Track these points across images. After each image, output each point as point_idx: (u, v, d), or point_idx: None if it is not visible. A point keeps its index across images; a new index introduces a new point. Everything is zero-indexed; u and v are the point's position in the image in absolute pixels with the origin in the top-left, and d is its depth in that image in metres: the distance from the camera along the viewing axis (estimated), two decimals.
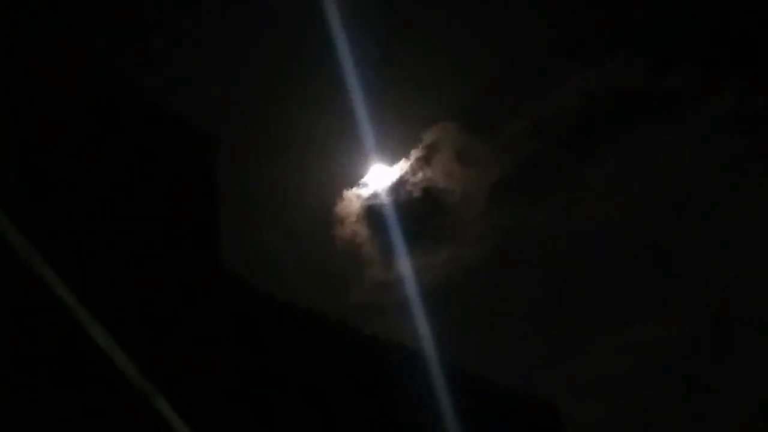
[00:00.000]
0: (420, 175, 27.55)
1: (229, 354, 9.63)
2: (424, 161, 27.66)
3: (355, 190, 27.44)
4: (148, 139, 10.83)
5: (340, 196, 27.49)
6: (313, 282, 24.89)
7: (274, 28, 25.74)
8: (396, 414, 11.76)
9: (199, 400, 7.94)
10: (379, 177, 27.02)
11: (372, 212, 27.42)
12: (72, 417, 7.85)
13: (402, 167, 27.43)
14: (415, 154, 27.66)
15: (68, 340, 6.97)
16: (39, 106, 10.84)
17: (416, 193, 27.49)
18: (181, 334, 9.20)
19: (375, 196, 27.31)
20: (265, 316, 10.65)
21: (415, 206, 27.28)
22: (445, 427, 12.08)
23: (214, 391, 9.08)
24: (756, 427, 23.52)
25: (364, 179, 27.11)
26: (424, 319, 13.80)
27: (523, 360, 23.18)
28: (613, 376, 25.75)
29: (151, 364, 6.01)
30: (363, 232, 27.72)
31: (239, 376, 9.47)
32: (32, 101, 10.93)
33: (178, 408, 5.75)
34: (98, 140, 10.54)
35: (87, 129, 10.57)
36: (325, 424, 10.76)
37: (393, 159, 27.24)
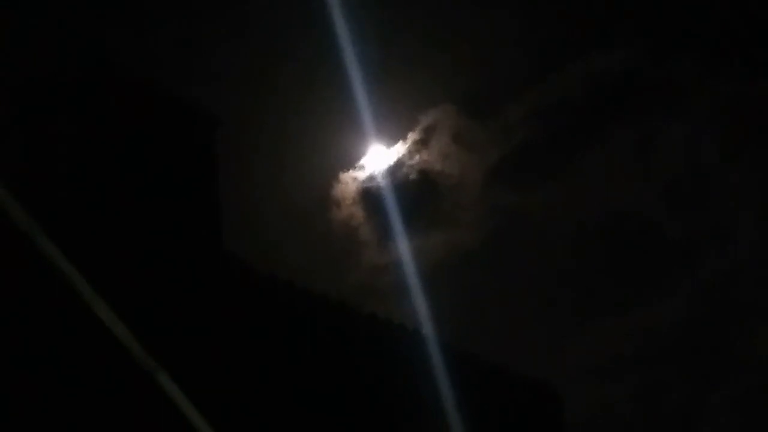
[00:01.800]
0: (417, 157, 27.53)
1: (231, 333, 9.63)
2: (422, 144, 27.64)
3: (351, 173, 27.42)
4: (147, 118, 10.81)
5: (337, 178, 27.47)
6: (309, 264, 24.90)
7: (272, 8, 25.68)
8: (395, 395, 11.77)
9: (201, 377, 7.94)
10: (376, 159, 26.99)
11: (368, 195, 27.41)
12: (76, 391, 7.86)
13: (399, 150, 27.39)
14: (412, 136, 27.63)
15: (71, 318, 6.96)
16: (36, 86, 10.82)
17: (413, 176, 27.48)
18: (182, 313, 9.20)
19: (371, 178, 27.28)
20: (265, 296, 10.65)
21: (411, 189, 27.28)
22: (444, 407, 12.10)
23: (216, 369, 9.09)
24: (753, 412, 23.61)
25: (361, 161, 27.08)
26: (422, 301, 13.80)
27: (520, 343, 23.21)
28: (610, 359, 25.85)
29: (153, 341, 5.99)
30: (359, 214, 27.72)
31: (241, 355, 9.48)
32: (30, 81, 10.90)
33: (181, 385, 5.72)
34: (97, 120, 10.52)
35: (86, 110, 10.54)
36: (325, 403, 10.77)
37: (390, 141, 27.20)
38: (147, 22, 23.00)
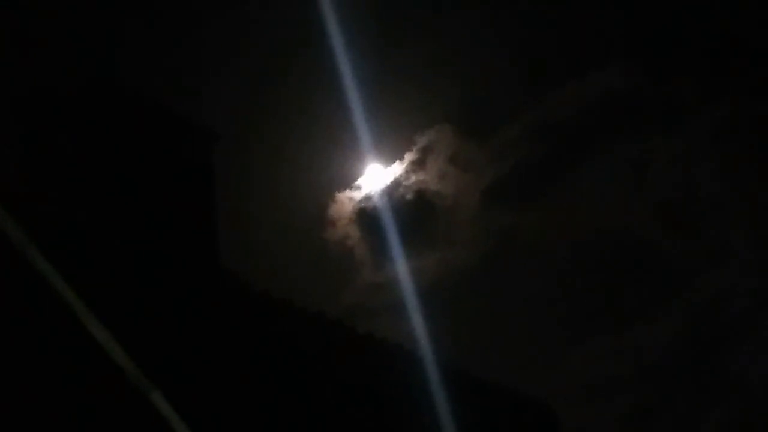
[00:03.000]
0: (414, 177, 27.55)
1: (226, 351, 9.58)
2: (418, 164, 27.65)
3: (347, 192, 27.43)
4: (147, 134, 10.81)
5: (333, 197, 27.47)
6: (304, 282, 24.85)
7: (270, 27, 25.72)
8: (391, 413, 11.72)
9: (195, 396, 7.90)
10: (373, 179, 26.99)
11: (364, 214, 27.42)
12: (69, 411, 7.80)
13: (396, 170, 27.41)
14: (409, 156, 27.65)
15: (65, 334, 6.91)
16: (38, 100, 10.81)
17: (409, 196, 27.50)
18: (177, 330, 9.16)
19: (368, 198, 27.29)
20: (261, 314, 10.60)
21: (408, 209, 27.29)
22: (441, 426, 12.05)
23: (210, 387, 9.03)
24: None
25: (357, 181, 27.09)
26: (419, 321, 13.77)
27: (515, 362, 23.17)
28: (603, 379, 25.81)
29: (147, 359, 5.96)
30: (355, 234, 27.71)
31: (236, 373, 9.43)
32: (32, 95, 10.89)
33: (174, 404, 5.69)
34: (97, 135, 10.51)
35: (85, 124, 10.55)
36: (321, 422, 10.72)
37: (387, 161, 27.21)
38: (147, 37, 23.03)
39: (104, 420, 8.03)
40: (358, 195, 27.36)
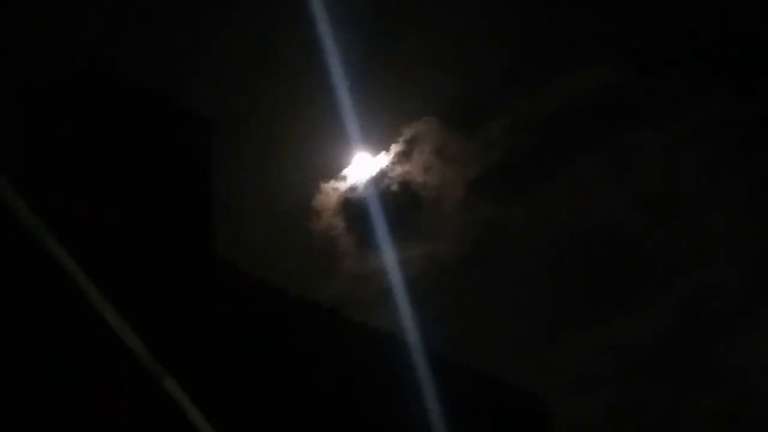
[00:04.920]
0: (399, 169, 27.56)
1: (225, 338, 9.63)
2: (404, 156, 27.67)
3: (332, 183, 27.42)
4: (146, 123, 10.82)
5: (318, 188, 27.45)
6: (289, 272, 24.84)
7: (258, 16, 25.67)
8: (383, 400, 11.78)
9: (199, 381, 7.92)
10: (358, 170, 26.98)
11: (349, 205, 27.42)
12: (84, 397, 7.82)
13: (381, 161, 27.42)
14: (395, 148, 27.67)
15: (78, 321, 6.94)
16: (37, 90, 10.81)
17: (395, 188, 27.51)
18: (178, 318, 9.19)
19: (353, 188, 27.29)
20: (258, 302, 10.65)
21: (393, 200, 27.30)
22: (432, 415, 12.12)
23: (212, 373, 9.07)
24: (729, 424, 23.74)
25: (343, 172, 27.08)
26: (406, 311, 13.83)
27: (503, 353, 23.24)
28: (590, 372, 25.91)
29: (154, 346, 5.99)
30: (339, 224, 27.72)
31: (235, 360, 9.48)
32: (30, 85, 10.89)
33: (184, 389, 5.74)
34: (97, 125, 10.51)
35: (85, 114, 10.53)
36: (316, 407, 10.76)
37: (373, 152, 27.20)
38: (140, 27, 22.97)
39: (119, 405, 8.03)
40: (343, 185, 27.37)
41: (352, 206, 27.33)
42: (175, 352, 7.17)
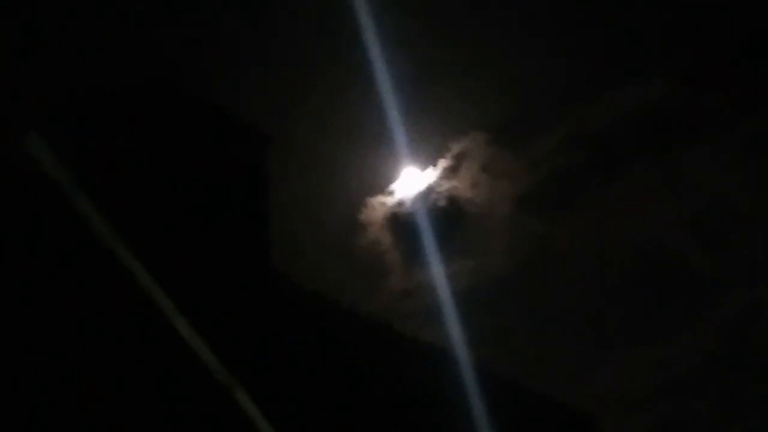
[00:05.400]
0: (446, 184, 27.55)
1: (282, 350, 9.67)
2: (452, 171, 27.66)
3: (380, 198, 27.46)
4: (204, 135, 10.90)
5: (365, 202, 27.50)
6: (335, 286, 24.85)
7: (308, 32, 25.76)
8: (433, 415, 11.78)
9: (263, 391, 7.98)
10: (405, 185, 26.99)
11: (396, 220, 27.44)
12: (160, 407, 7.87)
13: (429, 176, 27.41)
14: (442, 163, 27.66)
15: (151, 332, 7.01)
16: (98, 101, 10.90)
17: (442, 203, 27.50)
18: (242, 329, 9.24)
19: (400, 203, 27.31)
20: (314, 315, 10.70)
21: (440, 215, 27.28)
22: (480, 430, 12.11)
23: (274, 383, 9.09)
24: None
25: (390, 187, 27.10)
26: (453, 326, 13.83)
27: (548, 370, 23.15)
28: (636, 390, 25.74)
29: (223, 357, 6.05)
30: (386, 239, 27.74)
31: (295, 371, 9.52)
32: (92, 96, 10.98)
33: (254, 399, 5.80)
34: (157, 136, 10.58)
35: (146, 126, 10.61)
36: (370, 419, 10.76)
37: (420, 168, 27.21)
38: (193, 39, 23.12)
39: (192, 414, 8.07)
40: (390, 200, 27.40)
41: (399, 221, 27.36)
42: (240, 363, 7.23)
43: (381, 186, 27.28)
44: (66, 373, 7.72)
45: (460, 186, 27.68)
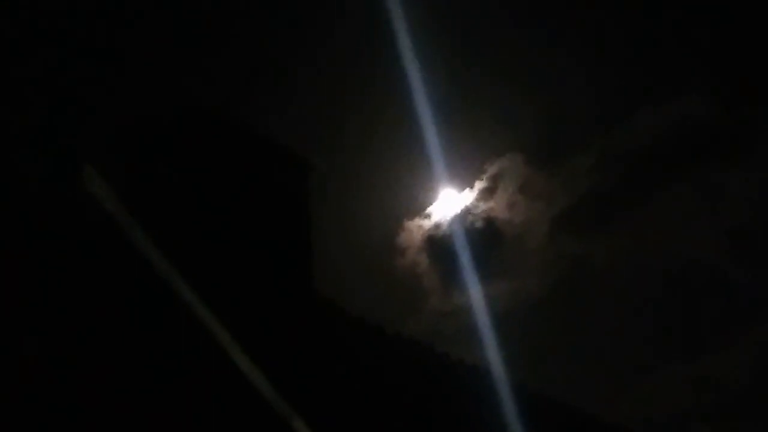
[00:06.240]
0: (483, 206, 27.61)
1: (333, 376, 9.72)
2: (488, 192, 27.73)
3: (416, 221, 27.57)
4: (245, 162, 11.01)
5: (402, 225, 27.60)
6: (374, 310, 24.88)
7: (341, 53, 25.94)
8: None
9: (317, 419, 8.05)
10: (442, 207, 27.07)
11: (433, 242, 27.54)
12: None
13: (465, 198, 27.48)
14: (479, 185, 27.75)
15: (207, 362, 7.09)
16: (137, 129, 11.02)
17: (478, 224, 27.57)
18: (290, 358, 9.30)
19: (437, 226, 27.40)
20: (361, 341, 10.76)
21: (477, 237, 27.33)
22: None
23: (326, 410, 9.15)
24: None
25: (427, 210, 27.20)
26: (492, 347, 13.85)
27: (586, 389, 23.11)
28: (675, 410, 25.63)
29: (277, 386, 6.12)
30: (423, 262, 27.82)
31: (341, 399, 9.56)
32: (130, 125, 11.11)
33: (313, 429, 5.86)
34: (198, 164, 10.70)
35: (181, 153, 10.72)
36: None
37: (457, 189, 27.28)
38: (223, 64, 23.34)
39: None
40: (427, 223, 27.51)
41: (437, 243, 27.45)
42: (295, 392, 7.31)
43: (418, 209, 27.42)
44: (121, 405, 7.82)
45: (497, 207, 27.75)
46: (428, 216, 27.33)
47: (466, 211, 27.31)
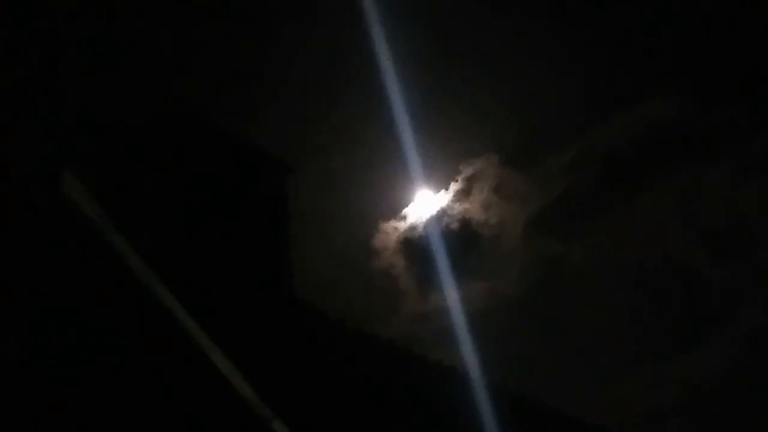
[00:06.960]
0: (458, 207, 27.67)
1: (316, 379, 9.75)
2: (464, 194, 27.79)
3: (392, 222, 27.59)
4: (223, 165, 11.03)
5: (377, 227, 27.63)
6: (350, 312, 24.91)
7: (317, 53, 25.94)
8: None
9: (298, 422, 8.08)
10: (418, 209, 27.12)
11: (409, 244, 27.57)
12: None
13: (441, 200, 27.53)
14: (454, 186, 27.80)
15: (188, 362, 7.10)
16: (114, 133, 11.03)
17: (454, 226, 27.62)
18: (272, 360, 9.33)
19: (413, 228, 27.43)
20: (342, 344, 10.79)
21: (453, 238, 27.38)
22: None
23: (308, 413, 9.18)
24: None
25: (402, 212, 27.24)
26: (468, 348, 13.90)
27: (564, 388, 23.20)
28: (648, 409, 25.74)
29: (259, 389, 6.15)
30: (400, 263, 27.85)
31: (329, 397, 9.58)
32: (108, 129, 11.11)
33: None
34: (176, 168, 10.71)
35: (162, 157, 10.73)
36: None
37: (432, 191, 27.33)
38: (207, 67, 23.32)
39: None
40: (403, 225, 27.53)
41: (413, 245, 27.48)
42: (276, 394, 7.33)
43: (394, 211, 27.44)
44: (100, 405, 7.84)
45: (473, 208, 27.82)
46: (404, 218, 27.40)
47: (442, 213, 27.40)
